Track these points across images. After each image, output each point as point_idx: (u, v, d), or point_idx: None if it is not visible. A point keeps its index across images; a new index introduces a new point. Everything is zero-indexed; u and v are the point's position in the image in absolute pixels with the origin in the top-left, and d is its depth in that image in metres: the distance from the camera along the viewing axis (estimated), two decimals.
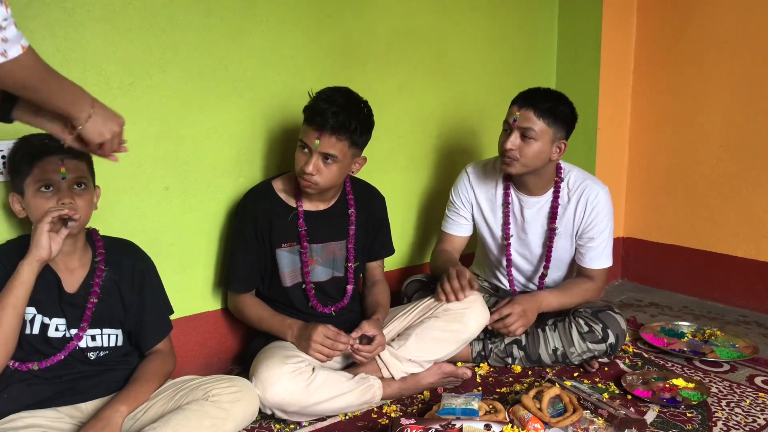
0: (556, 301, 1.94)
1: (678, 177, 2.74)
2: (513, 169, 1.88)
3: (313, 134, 1.64)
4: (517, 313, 1.84)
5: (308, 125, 1.66)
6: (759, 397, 1.77)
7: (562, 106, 1.87)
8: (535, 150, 1.84)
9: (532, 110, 1.82)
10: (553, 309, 1.94)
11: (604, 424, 1.51)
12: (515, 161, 1.86)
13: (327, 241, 1.83)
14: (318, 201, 1.82)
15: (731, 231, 2.59)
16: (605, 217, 1.96)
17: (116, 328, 1.47)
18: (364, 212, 1.90)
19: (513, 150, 1.84)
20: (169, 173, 1.77)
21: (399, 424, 1.42)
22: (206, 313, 1.91)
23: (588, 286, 1.99)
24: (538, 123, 1.82)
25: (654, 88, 2.78)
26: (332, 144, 1.64)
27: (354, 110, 1.67)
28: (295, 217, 1.78)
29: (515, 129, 1.84)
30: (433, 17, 2.36)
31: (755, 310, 2.55)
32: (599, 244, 1.97)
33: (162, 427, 1.33)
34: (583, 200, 1.96)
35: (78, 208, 1.34)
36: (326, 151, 1.65)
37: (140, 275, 1.51)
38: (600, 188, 1.97)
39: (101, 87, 1.61)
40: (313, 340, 1.64)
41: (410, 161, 2.39)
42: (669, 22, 2.69)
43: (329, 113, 1.62)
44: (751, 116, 2.48)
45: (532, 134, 1.83)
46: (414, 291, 2.05)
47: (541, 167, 1.91)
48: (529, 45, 2.74)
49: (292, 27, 1.96)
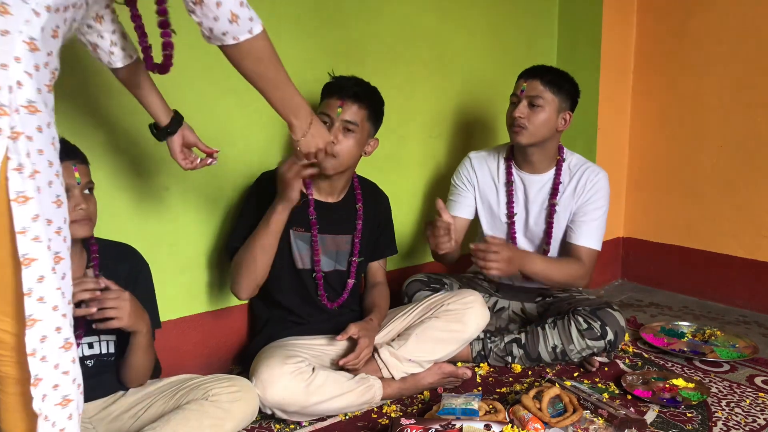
0: (540, 266, 1.93)
1: (678, 177, 2.74)
2: (523, 138, 1.93)
3: (335, 103, 1.72)
4: (503, 256, 1.80)
5: (329, 98, 1.75)
6: (759, 397, 1.77)
7: (565, 80, 1.97)
8: (543, 118, 1.92)
9: (538, 80, 1.92)
10: (536, 274, 1.92)
11: (604, 424, 1.51)
12: (524, 129, 1.92)
13: (334, 233, 1.84)
14: (328, 192, 1.83)
15: (731, 231, 2.59)
16: (602, 197, 2.00)
17: (112, 334, 1.46)
18: (371, 209, 1.92)
19: (522, 118, 1.91)
20: (169, 173, 1.77)
21: (399, 424, 1.42)
22: (206, 313, 1.91)
23: (574, 265, 1.98)
24: (545, 91, 1.91)
25: (654, 88, 2.78)
26: (354, 111, 1.72)
27: (371, 87, 1.81)
28: (305, 204, 1.79)
29: (523, 98, 1.93)
30: (433, 17, 2.36)
31: (755, 310, 2.55)
32: (592, 220, 1.99)
33: (162, 427, 1.33)
34: (584, 179, 2.01)
35: (90, 213, 1.35)
36: (348, 119, 1.71)
37: (134, 280, 1.49)
38: (600, 170, 2.03)
39: (101, 87, 1.61)
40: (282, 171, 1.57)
41: (411, 161, 2.39)
42: (669, 22, 2.69)
43: (350, 84, 1.74)
44: (751, 116, 2.48)
45: (539, 102, 1.91)
46: (415, 291, 2.05)
47: (548, 139, 1.97)
48: (529, 45, 2.74)
49: (292, 27, 1.96)
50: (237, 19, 1.07)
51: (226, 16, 1.06)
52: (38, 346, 0.91)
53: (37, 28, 0.90)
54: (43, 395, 0.93)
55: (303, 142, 1.37)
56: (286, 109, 1.30)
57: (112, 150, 1.65)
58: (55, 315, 0.93)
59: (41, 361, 0.91)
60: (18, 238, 0.87)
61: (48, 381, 0.93)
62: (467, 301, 1.82)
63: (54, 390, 0.94)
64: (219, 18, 1.06)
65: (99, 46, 1.28)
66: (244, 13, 1.08)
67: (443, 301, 1.84)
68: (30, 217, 0.88)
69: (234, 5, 1.06)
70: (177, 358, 1.82)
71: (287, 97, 1.28)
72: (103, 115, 1.63)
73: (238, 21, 1.08)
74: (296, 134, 1.35)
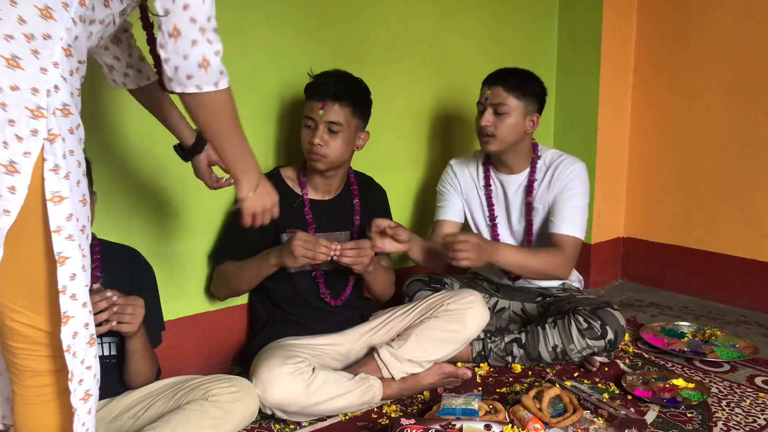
0: (513, 256, 1.89)
1: (678, 177, 2.74)
2: (492, 147, 1.96)
3: (316, 105, 1.71)
4: (472, 245, 1.78)
5: (311, 100, 1.74)
6: (759, 397, 1.77)
7: (530, 81, 1.96)
8: (510, 124, 1.93)
9: (501, 86, 1.93)
10: (510, 264, 1.90)
11: (604, 424, 1.51)
12: (492, 138, 1.94)
13: (332, 230, 1.84)
14: (324, 190, 1.84)
15: (731, 231, 2.59)
16: (578, 184, 2.00)
17: (114, 336, 1.45)
18: (367, 204, 1.93)
19: (489, 126, 1.93)
20: (169, 173, 1.77)
21: (399, 424, 1.42)
22: (206, 313, 1.91)
23: (554, 253, 1.95)
24: (509, 97, 1.92)
25: (654, 88, 2.78)
26: (336, 111, 1.71)
27: (353, 82, 1.78)
28: (300, 205, 1.80)
29: (488, 107, 1.94)
30: (433, 17, 2.36)
31: (755, 310, 2.54)
32: (570, 208, 1.97)
33: (162, 427, 1.33)
34: (558, 171, 2.01)
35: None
36: (331, 119, 1.71)
37: (138, 284, 1.49)
38: (576, 161, 2.03)
39: (101, 87, 1.61)
40: (293, 245, 1.63)
41: (410, 161, 2.39)
42: (669, 22, 2.69)
43: (330, 83, 1.72)
44: (751, 116, 2.48)
45: (504, 109, 1.92)
46: (415, 291, 2.05)
47: (518, 142, 1.99)
48: (529, 45, 2.74)
49: (292, 26, 1.96)
50: (208, 66, 1.01)
51: (197, 59, 1.00)
52: (71, 342, 0.94)
53: (72, 35, 0.94)
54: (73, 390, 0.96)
55: (248, 201, 1.27)
56: (237, 165, 1.21)
57: (112, 150, 1.65)
58: (84, 311, 0.96)
59: (73, 356, 0.95)
60: (53, 237, 0.91)
61: (77, 376, 0.96)
62: (467, 301, 1.82)
63: (79, 385, 0.97)
64: (189, 57, 0.99)
65: (114, 67, 1.29)
66: (216, 64, 1.02)
67: (443, 300, 1.84)
68: (65, 216, 0.91)
69: (209, 51, 1.01)
70: (177, 358, 1.82)
71: (238, 153, 1.19)
72: (102, 115, 1.63)
73: (208, 69, 1.01)
74: (242, 192, 1.25)
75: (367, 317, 1.92)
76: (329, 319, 1.85)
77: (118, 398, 1.47)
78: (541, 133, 2.85)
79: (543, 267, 1.94)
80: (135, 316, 1.34)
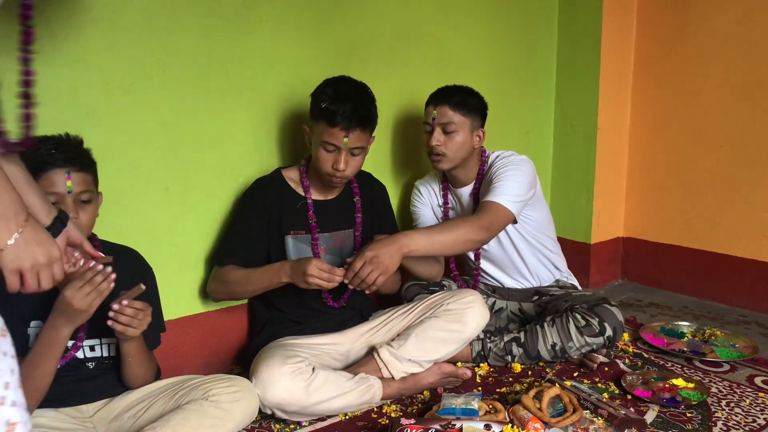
0: (423, 238, 1.71)
1: (678, 177, 2.74)
2: (443, 165, 1.99)
3: (340, 134, 1.68)
4: (368, 260, 1.61)
5: (332, 127, 1.67)
6: (759, 397, 1.77)
7: (472, 98, 1.99)
8: (459, 142, 1.96)
9: (447, 105, 1.95)
10: (423, 249, 1.71)
11: (604, 424, 1.51)
12: (443, 156, 1.96)
13: (335, 230, 1.85)
14: (325, 191, 1.85)
15: (731, 231, 2.59)
16: (508, 164, 1.95)
17: (113, 337, 1.44)
18: (368, 200, 1.93)
19: (439, 146, 1.95)
20: (169, 173, 1.77)
21: (399, 424, 1.42)
22: (206, 313, 1.91)
23: (467, 218, 1.87)
24: (455, 116, 1.94)
25: (654, 88, 2.78)
26: (358, 138, 1.71)
27: (366, 98, 1.74)
28: (303, 207, 1.80)
29: (436, 126, 1.96)
30: (433, 17, 2.36)
31: (755, 310, 2.54)
32: (497, 181, 1.91)
33: (162, 427, 1.33)
34: (494, 165, 2.00)
35: (81, 223, 1.32)
36: (355, 146, 1.71)
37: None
38: (513, 154, 2.02)
39: (101, 87, 1.61)
40: (308, 273, 1.61)
41: (410, 161, 2.39)
42: (669, 22, 2.69)
43: (350, 111, 1.66)
44: (751, 116, 2.48)
45: (452, 127, 1.94)
46: (414, 294, 2.04)
47: (467, 158, 2.01)
48: (529, 45, 2.74)
49: (292, 27, 1.96)
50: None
51: None
52: None
53: None
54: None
55: (7, 253, 0.89)
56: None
57: (112, 150, 1.65)
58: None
59: None
60: None
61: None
62: (467, 300, 1.82)
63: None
64: None
65: None
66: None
67: (443, 300, 1.84)
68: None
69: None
70: (177, 358, 1.82)
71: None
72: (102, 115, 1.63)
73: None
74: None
75: (367, 317, 1.92)
76: (329, 319, 1.85)
77: (118, 398, 1.47)
78: (541, 133, 2.86)
79: (459, 234, 1.76)
80: (143, 323, 1.34)
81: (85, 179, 1.35)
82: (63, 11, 1.53)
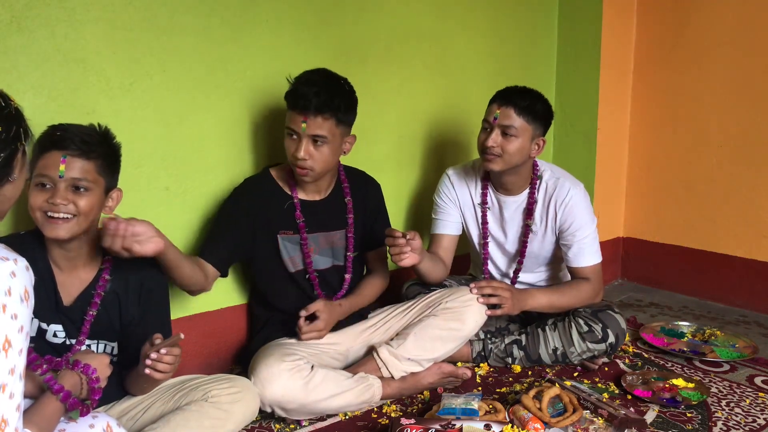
0: (545, 298, 1.93)
1: (678, 177, 2.74)
2: (495, 166, 1.89)
3: (298, 118, 1.64)
4: (507, 295, 1.85)
5: (292, 110, 1.66)
6: (759, 397, 1.77)
7: (540, 104, 1.90)
8: (516, 147, 1.86)
9: (512, 108, 1.85)
10: (543, 307, 1.92)
11: (604, 424, 1.51)
12: (497, 157, 1.87)
13: (326, 230, 1.82)
14: (314, 191, 1.81)
15: (731, 231, 2.59)
16: (580, 212, 1.94)
17: (113, 341, 1.43)
18: (361, 200, 1.89)
19: (495, 147, 1.86)
20: (169, 173, 1.77)
21: (399, 424, 1.42)
22: (206, 313, 1.91)
23: (582, 286, 1.97)
24: (518, 120, 1.85)
25: (654, 88, 2.78)
26: (319, 125, 1.64)
27: (335, 88, 1.67)
28: (291, 207, 1.78)
29: (496, 126, 1.86)
30: (433, 17, 2.36)
31: (755, 310, 2.54)
32: (582, 239, 1.95)
33: (162, 428, 1.33)
34: (554, 199, 1.95)
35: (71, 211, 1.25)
36: (314, 133, 1.65)
37: (147, 293, 1.43)
38: (572, 185, 1.96)
39: (101, 87, 1.61)
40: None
41: (410, 161, 2.39)
42: (669, 22, 2.69)
43: (311, 94, 1.62)
44: (751, 116, 2.48)
45: (512, 131, 1.85)
46: (415, 294, 2.03)
47: (521, 165, 1.92)
48: (529, 45, 2.74)
49: (292, 27, 1.96)
50: None
51: None
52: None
53: None
54: None
55: None
56: None
57: None
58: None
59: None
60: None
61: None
62: (466, 298, 1.82)
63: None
64: None
65: None
66: None
67: (442, 299, 1.84)
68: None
69: None
70: None
71: None
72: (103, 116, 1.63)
73: None
74: None
75: (365, 315, 1.91)
76: None
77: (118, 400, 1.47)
78: None
79: (575, 300, 1.94)
80: (174, 367, 1.31)
81: (86, 167, 1.26)
82: (63, 11, 1.53)
